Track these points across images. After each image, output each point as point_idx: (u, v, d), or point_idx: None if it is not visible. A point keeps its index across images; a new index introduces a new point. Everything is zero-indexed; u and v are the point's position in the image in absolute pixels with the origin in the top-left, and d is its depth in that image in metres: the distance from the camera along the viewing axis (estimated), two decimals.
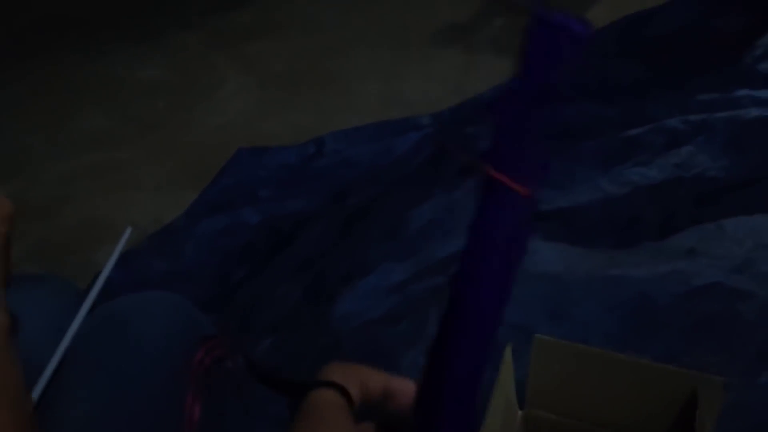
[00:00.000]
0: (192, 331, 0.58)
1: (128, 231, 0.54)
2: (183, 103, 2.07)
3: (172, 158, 1.85)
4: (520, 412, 0.84)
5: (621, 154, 1.29)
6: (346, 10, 2.43)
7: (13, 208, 0.40)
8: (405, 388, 0.44)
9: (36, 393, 0.52)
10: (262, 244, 1.36)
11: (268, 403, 1.02)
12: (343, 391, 0.38)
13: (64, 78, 2.23)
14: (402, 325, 1.05)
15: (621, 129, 1.34)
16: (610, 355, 0.76)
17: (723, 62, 1.74)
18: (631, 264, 1.13)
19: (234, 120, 1.98)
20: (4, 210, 0.40)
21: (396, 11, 2.42)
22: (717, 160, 1.37)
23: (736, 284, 1.11)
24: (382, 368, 1.06)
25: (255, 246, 1.37)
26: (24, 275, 0.59)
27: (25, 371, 0.38)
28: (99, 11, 2.59)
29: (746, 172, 1.37)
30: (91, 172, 1.85)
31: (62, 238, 1.65)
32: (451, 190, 1.23)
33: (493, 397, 0.71)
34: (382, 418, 0.46)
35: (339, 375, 0.40)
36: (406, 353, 1.02)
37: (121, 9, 2.58)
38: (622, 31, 1.89)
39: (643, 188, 1.26)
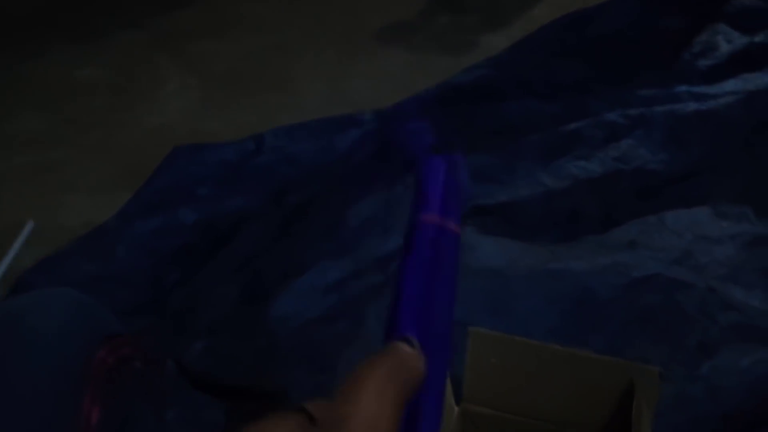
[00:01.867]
0: (94, 329, 0.54)
1: (29, 226, 0.50)
2: (123, 103, 2.01)
3: (110, 159, 1.79)
4: (456, 408, 0.82)
5: (561, 148, 1.29)
6: (291, 9, 2.40)
7: None
8: None
9: None
10: (198, 245, 1.32)
11: (201, 409, 0.99)
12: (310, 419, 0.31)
13: None
14: (339, 325, 1.02)
15: (561, 124, 1.34)
16: (547, 346, 0.75)
17: (663, 60, 1.75)
18: (572, 257, 1.12)
19: (175, 120, 1.92)
20: None
21: (341, 11, 2.39)
22: (656, 153, 1.37)
23: (676, 276, 1.11)
24: (318, 368, 1.03)
25: (191, 247, 1.32)
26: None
27: None
28: (37, 9, 2.51)
29: (685, 166, 1.38)
30: (24, 173, 1.78)
31: None
32: (391, 186, 1.21)
33: None
34: None
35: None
36: (343, 352, 0.99)
37: (61, 7, 2.50)
38: (564, 30, 1.89)
39: (583, 182, 1.25)
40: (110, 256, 1.32)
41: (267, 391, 0.95)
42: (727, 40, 1.71)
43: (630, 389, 0.71)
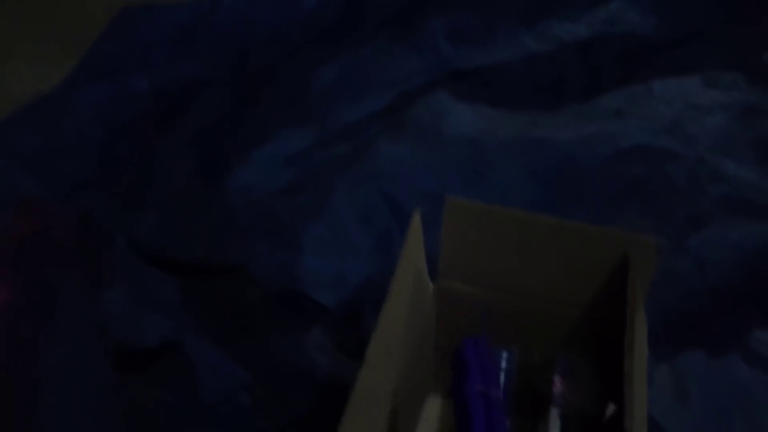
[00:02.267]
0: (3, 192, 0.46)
1: None
2: None
3: (52, 24, 1.64)
4: (432, 286, 0.76)
5: (546, 9, 1.18)
6: None
7: None
8: None
9: None
10: (151, 114, 1.21)
11: (154, 286, 0.92)
12: None
13: None
14: (303, 197, 0.94)
15: None
16: (532, 216, 0.68)
17: None
18: (555, 125, 1.04)
19: None
20: None
21: None
22: (646, 17, 1.27)
23: (665, 145, 1.04)
24: (282, 243, 0.96)
25: (144, 116, 1.21)
26: None
27: None
28: None
29: (676, 32, 1.28)
30: None
31: None
32: (359, 47, 1.10)
33: (399, 267, 0.62)
34: None
35: None
36: (308, 227, 0.92)
37: None
38: None
39: (569, 45, 1.15)
40: (56, 127, 1.21)
41: (225, 267, 0.88)
42: None
43: (623, 263, 0.64)
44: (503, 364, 0.72)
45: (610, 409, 0.63)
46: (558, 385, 0.70)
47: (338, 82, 1.07)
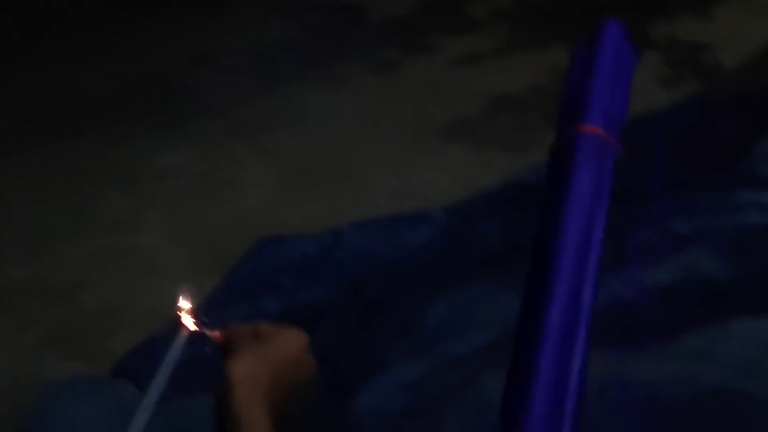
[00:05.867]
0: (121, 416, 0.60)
1: (182, 337, 0.57)
2: (204, 189, 2.13)
3: (192, 244, 1.89)
4: None
5: (630, 255, 1.34)
6: (361, 103, 2.51)
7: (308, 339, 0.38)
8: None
9: None
10: None
11: None
12: None
13: (86, 161, 2.30)
14: (418, 423, 1.07)
15: (627, 230, 1.40)
16: None
17: (723, 164, 1.81)
18: (639, 365, 1.16)
19: (252, 208, 2.03)
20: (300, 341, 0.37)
21: (409, 106, 2.51)
22: (722, 262, 1.41)
23: (743, 387, 1.14)
24: None
25: None
26: (80, 377, 0.62)
27: None
28: (122, 94, 2.67)
29: (750, 276, 1.41)
30: (110, 256, 1.89)
31: (80, 323, 1.68)
32: (466, 287, 1.28)
33: None
34: None
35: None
36: None
37: (144, 93, 2.67)
38: (625, 134, 1.96)
39: (651, 290, 1.30)
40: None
41: None
42: None
43: None
44: None
45: None
46: None
47: (448, 319, 1.23)
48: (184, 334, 0.55)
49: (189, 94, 2.63)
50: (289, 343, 0.35)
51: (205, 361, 0.51)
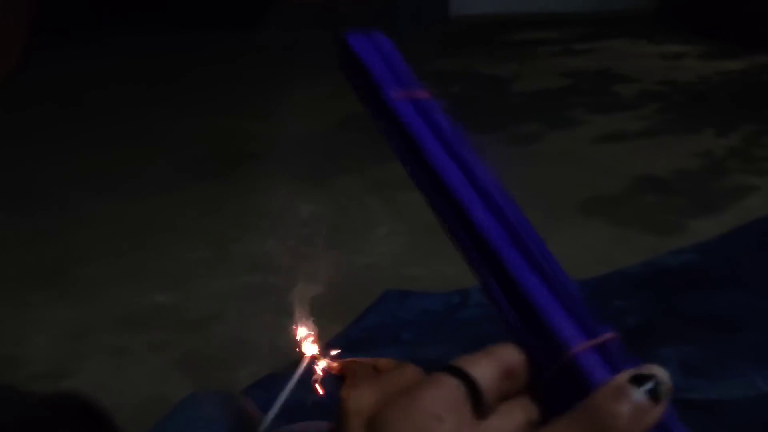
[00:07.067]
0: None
1: (304, 362, 0.59)
2: (338, 239, 2.20)
3: (320, 290, 1.94)
4: None
5: None
6: (499, 172, 2.52)
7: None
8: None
9: None
10: None
11: None
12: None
13: (232, 204, 2.44)
14: None
15: None
16: None
17: None
18: None
19: (382, 261, 2.07)
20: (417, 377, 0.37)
21: (549, 179, 2.50)
22: None
23: None
24: None
25: None
26: (200, 394, 0.65)
27: None
28: (271, 148, 2.85)
29: None
30: (245, 293, 1.97)
31: (211, 352, 1.74)
32: None
33: None
34: None
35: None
36: None
37: (292, 150, 2.83)
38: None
39: None
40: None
41: None
42: None
43: None
44: None
45: None
46: None
47: None
48: (305, 359, 0.56)
49: (331, 152, 2.75)
50: (407, 379, 0.35)
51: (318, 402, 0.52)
